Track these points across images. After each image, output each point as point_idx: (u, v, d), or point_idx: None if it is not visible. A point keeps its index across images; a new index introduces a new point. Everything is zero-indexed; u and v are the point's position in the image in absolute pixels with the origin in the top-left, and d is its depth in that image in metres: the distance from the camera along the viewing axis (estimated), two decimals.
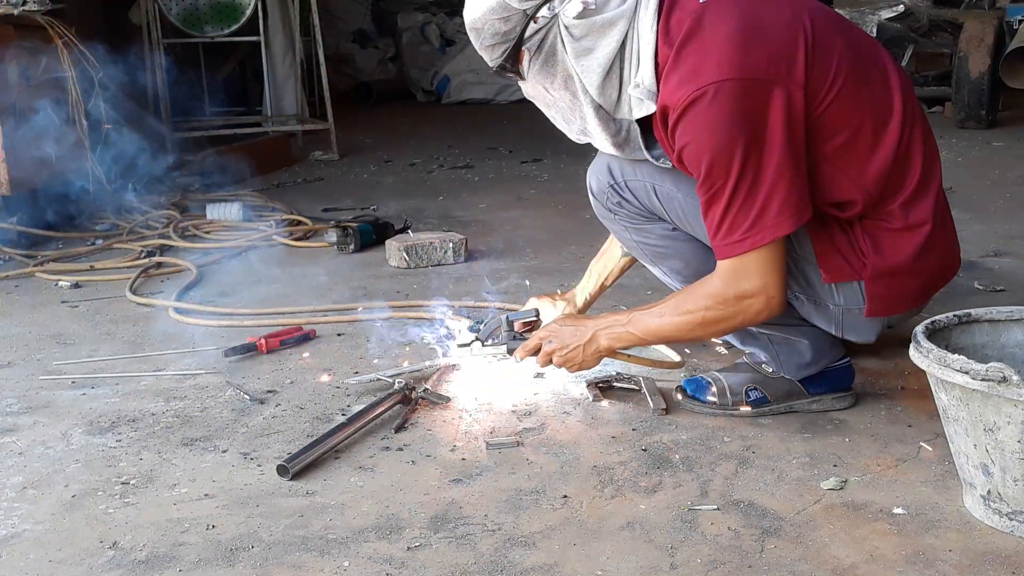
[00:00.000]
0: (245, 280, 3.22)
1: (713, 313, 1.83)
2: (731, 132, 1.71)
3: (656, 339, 1.99)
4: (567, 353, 1.98)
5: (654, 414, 2.04)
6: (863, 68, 1.82)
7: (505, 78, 1.92)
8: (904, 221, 1.85)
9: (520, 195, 4.59)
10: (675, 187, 1.96)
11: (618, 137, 1.90)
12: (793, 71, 1.73)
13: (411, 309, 2.80)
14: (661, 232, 2.03)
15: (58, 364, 2.45)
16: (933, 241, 1.87)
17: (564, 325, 2.02)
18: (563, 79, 1.85)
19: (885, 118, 1.82)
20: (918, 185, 1.85)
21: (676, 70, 1.75)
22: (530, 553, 1.54)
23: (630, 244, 2.11)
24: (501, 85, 8.62)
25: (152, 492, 1.78)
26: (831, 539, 1.56)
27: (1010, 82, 5.76)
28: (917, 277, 1.89)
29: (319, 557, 1.55)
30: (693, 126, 1.73)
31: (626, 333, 1.94)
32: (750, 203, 1.74)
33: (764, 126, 1.71)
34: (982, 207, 3.87)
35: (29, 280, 3.27)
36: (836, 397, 2.04)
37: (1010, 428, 1.48)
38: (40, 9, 3.78)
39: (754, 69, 1.71)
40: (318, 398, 2.19)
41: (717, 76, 1.70)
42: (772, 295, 1.80)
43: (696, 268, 2.01)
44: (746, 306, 1.80)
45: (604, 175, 2.05)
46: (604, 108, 1.86)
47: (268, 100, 6.30)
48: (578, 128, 1.92)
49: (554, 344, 1.99)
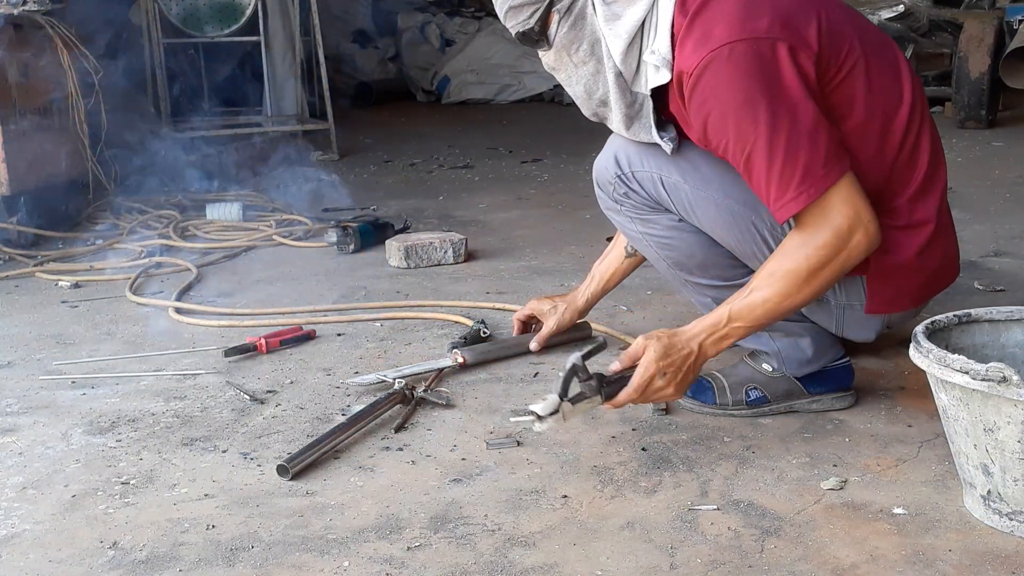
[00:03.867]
0: (245, 280, 3.22)
1: (817, 255, 1.72)
2: (750, 88, 1.70)
3: (768, 319, 1.80)
4: (681, 379, 1.78)
5: (654, 414, 2.04)
6: (875, 58, 1.82)
7: (531, 45, 1.89)
8: (908, 218, 1.85)
9: (520, 195, 4.59)
10: (682, 178, 1.95)
11: (632, 109, 1.88)
12: (806, 38, 1.73)
13: (417, 309, 2.80)
14: (667, 223, 2.02)
15: (58, 364, 2.45)
16: (935, 241, 1.87)
17: (668, 351, 1.77)
18: (590, 44, 1.85)
19: (895, 109, 1.83)
20: (923, 182, 1.85)
21: (690, 36, 1.75)
22: (530, 553, 1.54)
23: (635, 236, 2.09)
24: (501, 85, 8.62)
25: (152, 492, 1.78)
26: (831, 539, 1.56)
27: (1010, 82, 5.76)
28: (917, 275, 1.89)
29: (319, 557, 1.55)
30: (711, 89, 1.72)
31: (731, 330, 1.78)
32: (794, 150, 1.70)
33: (779, 80, 1.71)
34: (982, 207, 3.87)
35: (29, 280, 3.27)
36: (836, 397, 2.04)
37: (1010, 428, 1.48)
38: (40, 9, 3.78)
39: (766, 29, 1.71)
40: (318, 398, 2.19)
41: (728, 38, 1.70)
42: (866, 221, 1.72)
43: (701, 260, 2.00)
44: (846, 240, 1.71)
45: (611, 166, 2.04)
46: (624, 77, 1.85)
47: (268, 100, 6.30)
48: (598, 99, 1.90)
49: (669, 376, 1.77)
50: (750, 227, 1.92)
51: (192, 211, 4.21)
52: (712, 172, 1.91)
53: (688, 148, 1.93)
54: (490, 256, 3.42)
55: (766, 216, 1.89)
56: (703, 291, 2.06)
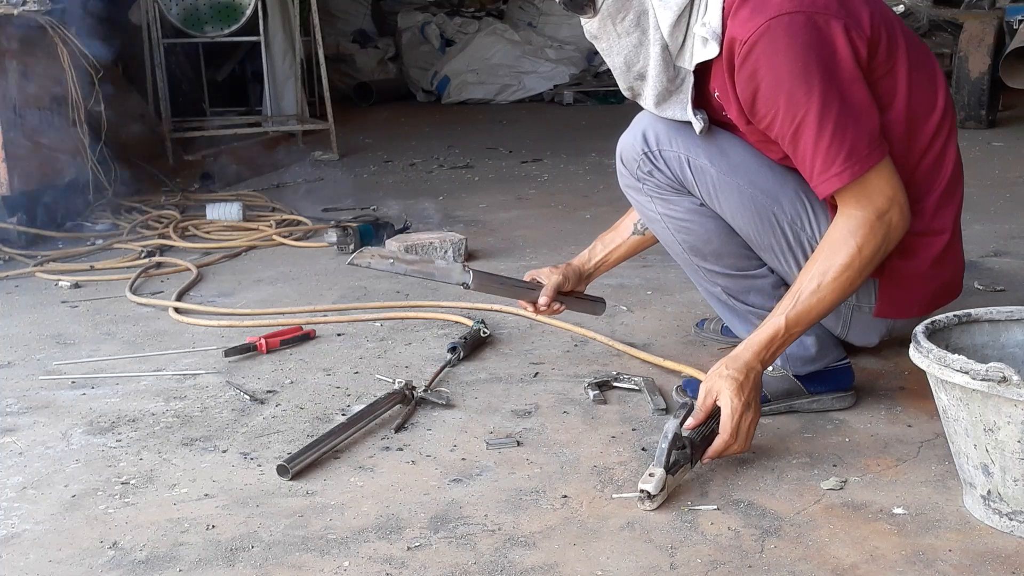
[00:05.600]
0: (245, 280, 3.22)
1: (866, 243, 1.73)
2: (807, 59, 1.70)
3: (822, 317, 1.80)
4: (757, 399, 1.78)
5: (654, 414, 2.04)
6: (917, 59, 1.83)
7: (577, 11, 1.86)
8: (928, 224, 1.85)
9: (520, 195, 4.59)
10: (709, 162, 1.93)
11: (673, 84, 1.87)
12: (860, 21, 1.75)
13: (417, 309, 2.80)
14: (688, 206, 2.00)
15: (58, 364, 2.45)
16: (949, 251, 1.88)
17: (741, 384, 1.75)
18: (636, 15, 1.83)
19: (928, 113, 1.84)
20: (945, 190, 1.86)
21: (745, 5, 1.75)
22: (530, 553, 1.54)
23: (653, 217, 2.05)
24: (501, 85, 8.62)
25: (152, 492, 1.78)
26: (831, 539, 1.56)
27: (1010, 82, 5.76)
28: (930, 283, 1.90)
29: (319, 557, 1.55)
30: (766, 57, 1.72)
31: (790, 337, 1.78)
32: (843, 126, 1.70)
33: (834, 55, 1.71)
34: (982, 207, 3.87)
35: (29, 280, 3.27)
36: (836, 397, 2.04)
37: (1010, 428, 1.48)
38: (40, 9, 3.78)
39: (824, 5, 1.72)
40: (318, 398, 2.19)
41: (787, 8, 1.71)
42: (902, 202, 1.75)
43: (717, 247, 2.00)
44: (888, 221, 1.74)
45: (639, 142, 2.00)
46: (669, 50, 1.84)
47: (268, 100, 6.31)
48: (637, 71, 1.88)
49: (752, 405, 1.76)
50: (771, 218, 1.92)
51: (192, 211, 4.21)
52: (740, 159, 1.91)
53: (717, 133, 1.93)
54: (490, 256, 3.42)
55: (788, 208, 1.90)
56: (714, 279, 2.05)
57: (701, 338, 2.48)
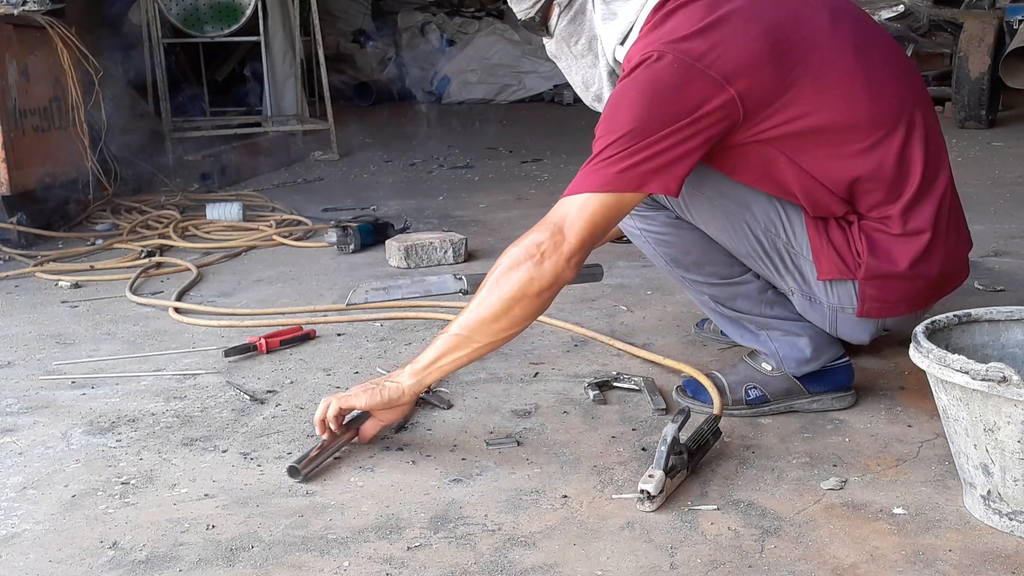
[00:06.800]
0: (245, 280, 3.22)
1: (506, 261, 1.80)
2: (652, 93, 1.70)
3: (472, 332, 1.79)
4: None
5: (654, 414, 2.04)
6: (835, 70, 1.79)
7: (534, 32, 1.96)
8: (902, 228, 1.84)
9: (520, 195, 4.59)
10: None
11: None
12: (728, 74, 1.70)
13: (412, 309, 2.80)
14: (664, 220, 2.03)
15: (58, 364, 2.45)
16: (932, 249, 1.85)
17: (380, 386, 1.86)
18: (588, 39, 1.91)
19: (852, 122, 1.80)
20: (918, 191, 1.83)
21: (639, 41, 1.80)
22: (530, 553, 1.54)
23: (633, 232, 2.10)
24: (501, 85, 8.63)
25: (152, 492, 1.78)
26: (831, 539, 1.56)
27: (1010, 82, 5.77)
28: (912, 283, 1.88)
29: (319, 557, 1.55)
30: (621, 84, 1.76)
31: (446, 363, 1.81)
32: (635, 151, 1.70)
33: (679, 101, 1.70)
34: (982, 207, 3.87)
35: (29, 280, 3.27)
36: (836, 397, 2.04)
37: (1010, 428, 1.48)
38: (40, 9, 3.79)
39: (700, 55, 1.70)
40: (318, 398, 2.18)
41: (663, 49, 1.72)
42: (570, 240, 1.74)
43: (698, 258, 2.02)
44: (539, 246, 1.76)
45: None
46: (616, 74, 1.90)
47: (268, 100, 6.31)
48: (594, 92, 1.96)
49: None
50: (743, 227, 1.92)
51: (192, 211, 4.21)
52: (706, 170, 1.91)
53: None
54: (490, 256, 3.42)
55: (760, 216, 1.90)
56: (700, 288, 2.07)
57: (701, 338, 2.48)
